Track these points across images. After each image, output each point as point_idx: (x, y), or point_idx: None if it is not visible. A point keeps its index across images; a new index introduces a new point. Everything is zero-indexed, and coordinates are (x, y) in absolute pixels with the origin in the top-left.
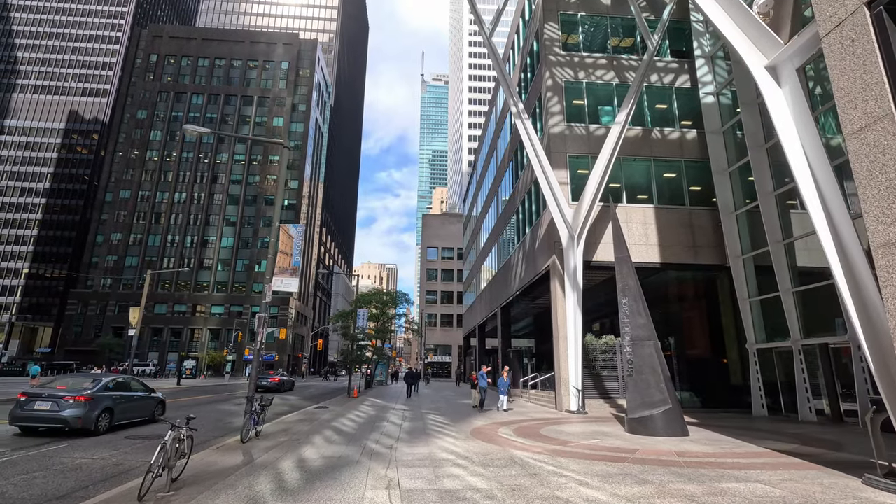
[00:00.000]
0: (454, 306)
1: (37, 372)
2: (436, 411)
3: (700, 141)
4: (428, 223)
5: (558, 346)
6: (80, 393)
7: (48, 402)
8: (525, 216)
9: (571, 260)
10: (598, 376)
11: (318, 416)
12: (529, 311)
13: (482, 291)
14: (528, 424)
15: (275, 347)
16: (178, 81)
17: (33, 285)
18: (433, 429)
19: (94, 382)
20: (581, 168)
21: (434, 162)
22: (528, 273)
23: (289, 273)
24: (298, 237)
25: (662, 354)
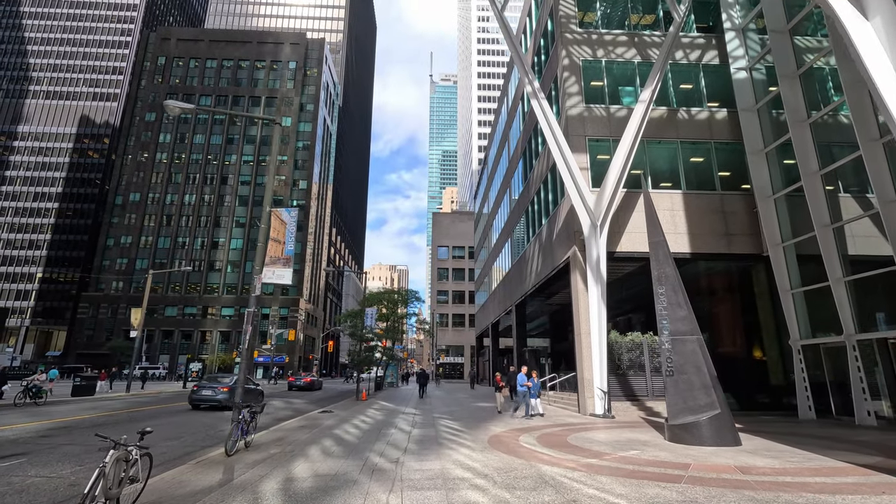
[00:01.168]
0: (466, 306)
1: (55, 376)
2: (448, 416)
3: (731, 120)
4: (438, 222)
5: (580, 343)
6: (224, 385)
7: (209, 391)
8: (540, 207)
9: (594, 250)
10: (624, 376)
11: (321, 421)
12: (544, 309)
13: (495, 289)
14: (552, 431)
15: (285, 349)
16: (186, 83)
17: (47, 289)
18: (446, 437)
19: (229, 380)
20: (601, 152)
21: (444, 162)
22: (545, 267)
23: (281, 263)
24: (292, 223)
25: (707, 351)
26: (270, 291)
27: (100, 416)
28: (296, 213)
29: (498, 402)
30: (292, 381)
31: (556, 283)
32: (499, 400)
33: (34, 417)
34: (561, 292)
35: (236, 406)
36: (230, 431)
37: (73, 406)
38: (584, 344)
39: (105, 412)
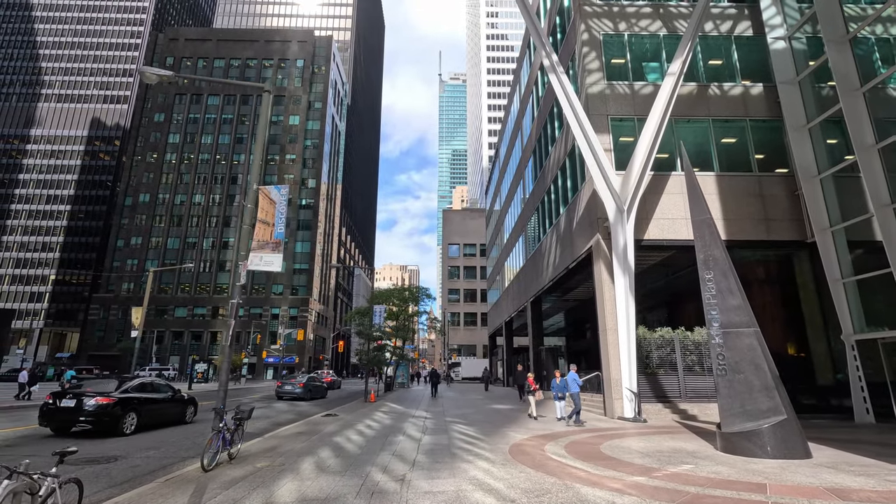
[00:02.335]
0: (478, 304)
1: (70, 377)
2: (462, 419)
3: (768, 96)
4: (448, 219)
5: (605, 340)
6: (301, 381)
7: (290, 386)
8: (558, 196)
9: (620, 237)
10: (654, 376)
11: (323, 427)
12: (559, 306)
13: (508, 286)
14: (581, 439)
15: (295, 349)
16: (193, 83)
17: (60, 291)
18: (461, 446)
19: (304, 378)
20: (625, 133)
21: (454, 162)
22: (564, 259)
23: (270, 247)
24: (282, 202)
25: (765, 345)
26: (280, 291)
27: None
28: (286, 191)
29: (532, 408)
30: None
31: (575, 277)
32: (532, 405)
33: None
34: (580, 287)
35: (217, 412)
36: (207, 442)
37: None
38: (610, 341)
39: None
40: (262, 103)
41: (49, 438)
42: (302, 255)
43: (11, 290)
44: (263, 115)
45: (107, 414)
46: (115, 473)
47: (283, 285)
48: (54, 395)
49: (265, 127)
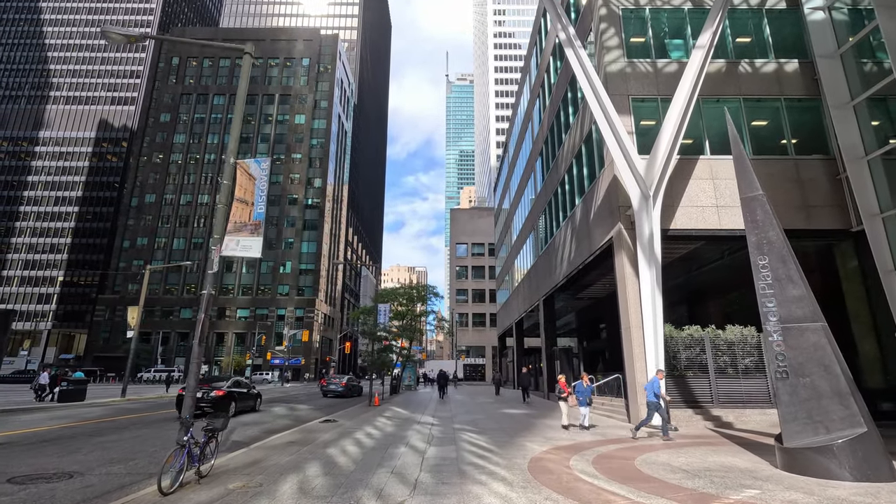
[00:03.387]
0: (486, 305)
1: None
2: (472, 426)
3: (804, 73)
4: (456, 218)
5: (629, 339)
6: (343, 380)
7: (334, 385)
8: (573, 186)
9: (645, 226)
10: (682, 379)
11: (318, 435)
12: (571, 306)
13: (518, 285)
14: (609, 451)
15: (301, 351)
16: (199, 83)
17: (68, 293)
18: (471, 460)
19: (345, 378)
20: (647, 115)
21: (461, 163)
22: (580, 252)
23: (249, 229)
24: (263, 178)
25: (835, 343)
26: (286, 292)
27: (62, 427)
28: (267, 166)
29: (564, 415)
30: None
31: (592, 273)
32: (564, 412)
33: None
34: (596, 284)
35: (184, 423)
36: (167, 459)
37: (44, 414)
38: (634, 339)
39: (75, 422)
40: (243, 68)
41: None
42: (308, 256)
43: (20, 292)
44: (243, 80)
45: (218, 402)
46: (60, 497)
47: (289, 286)
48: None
49: (244, 96)
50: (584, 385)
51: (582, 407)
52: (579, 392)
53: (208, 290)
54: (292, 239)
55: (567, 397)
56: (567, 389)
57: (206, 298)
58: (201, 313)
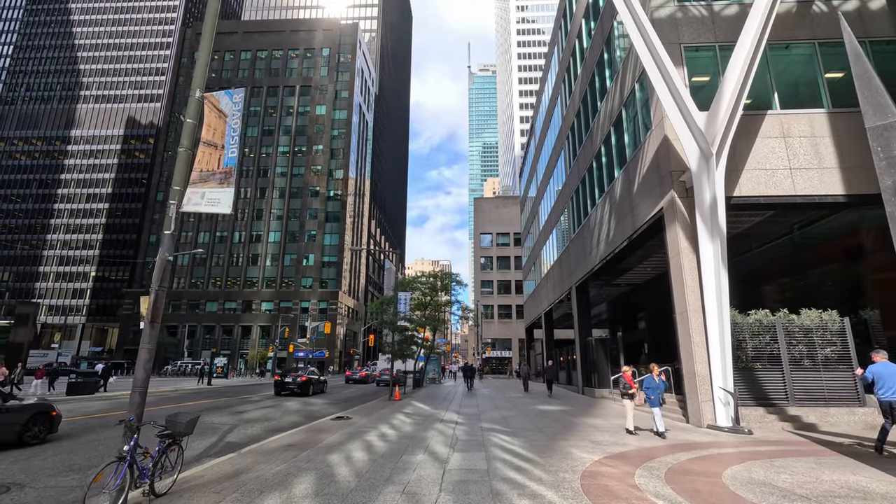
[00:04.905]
0: (512, 296)
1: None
2: (502, 425)
3: (893, 10)
4: (480, 208)
5: (687, 325)
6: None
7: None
8: (611, 157)
9: (706, 191)
10: (749, 372)
11: (324, 436)
12: (605, 294)
13: (548, 272)
14: (682, 462)
15: (325, 343)
16: (222, 76)
17: (100, 287)
18: (505, 474)
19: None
20: (703, 67)
21: (485, 154)
22: (622, 230)
23: (217, 179)
24: (236, 113)
25: None
26: (309, 285)
27: None
28: (241, 98)
29: (629, 417)
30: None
31: (631, 256)
32: (629, 412)
33: None
34: (635, 268)
35: (128, 427)
36: (95, 478)
37: None
38: (694, 326)
39: (69, 417)
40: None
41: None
42: (330, 248)
43: (55, 287)
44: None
45: (302, 385)
46: None
47: (312, 278)
48: (281, 376)
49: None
50: (656, 379)
51: (654, 408)
52: (649, 388)
53: (162, 256)
54: (315, 231)
55: (633, 394)
56: (634, 384)
57: (160, 266)
58: (154, 286)
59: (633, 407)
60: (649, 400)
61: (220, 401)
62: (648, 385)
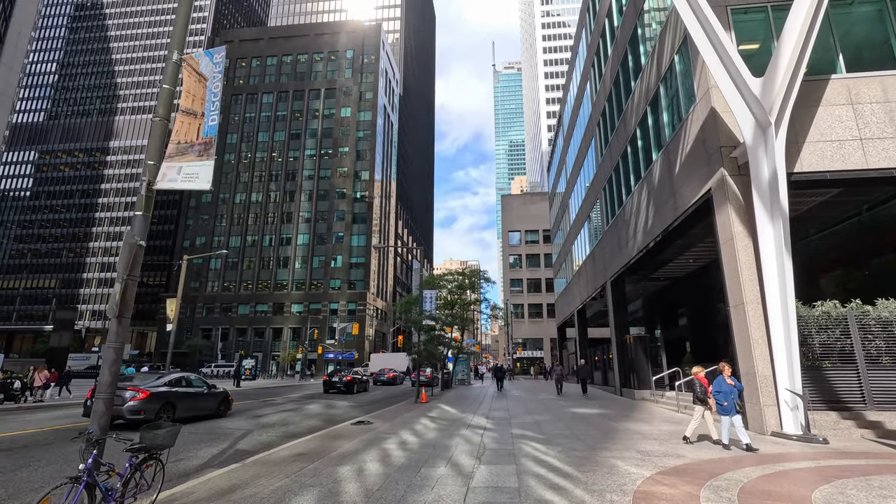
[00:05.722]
0: (543, 295)
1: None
2: (535, 432)
3: None
4: (508, 205)
5: (744, 319)
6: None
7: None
8: (647, 140)
9: (764, 166)
10: (817, 371)
11: (338, 444)
12: (640, 290)
13: (579, 268)
14: (754, 479)
15: (354, 345)
16: (249, 82)
17: (139, 292)
18: (540, 495)
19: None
20: (752, 32)
21: (511, 153)
22: (662, 218)
23: (196, 151)
24: (217, 77)
25: None
26: (338, 286)
27: (56, 430)
28: (222, 59)
29: (691, 425)
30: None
31: (676, 242)
32: (708, 420)
33: None
34: (675, 259)
35: (88, 441)
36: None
37: (60, 412)
38: (752, 320)
39: (77, 422)
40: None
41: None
42: (358, 249)
43: (98, 293)
44: None
45: (348, 384)
46: None
47: (340, 280)
48: (329, 376)
49: None
50: (726, 381)
51: (729, 416)
52: (720, 393)
53: (131, 240)
54: (342, 233)
55: (708, 400)
56: (710, 389)
57: (129, 252)
58: (122, 275)
59: (705, 415)
60: (720, 407)
61: (243, 403)
62: (720, 388)
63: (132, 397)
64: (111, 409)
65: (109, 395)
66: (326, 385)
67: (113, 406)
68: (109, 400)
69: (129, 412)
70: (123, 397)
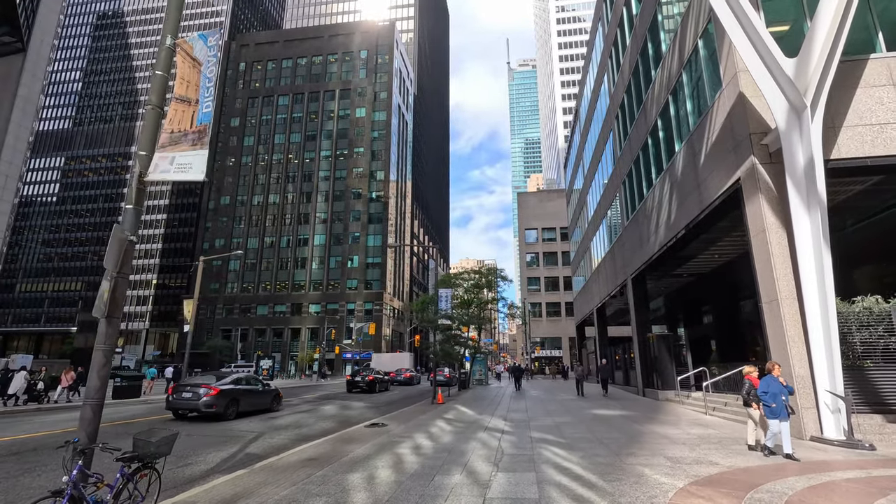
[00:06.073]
0: (561, 293)
1: (153, 375)
2: (556, 436)
3: None
4: (524, 202)
5: (778, 316)
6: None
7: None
8: (669, 130)
9: (799, 152)
10: (859, 371)
11: (350, 448)
12: (662, 287)
13: (598, 266)
14: (801, 491)
15: (371, 345)
16: (265, 85)
17: (161, 294)
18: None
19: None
20: (782, 12)
21: (527, 151)
22: (686, 211)
23: (189, 140)
24: (211, 62)
25: None
26: (354, 286)
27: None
28: (216, 41)
29: (750, 429)
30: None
31: (696, 241)
32: (750, 425)
33: None
34: (700, 255)
35: (74, 450)
36: None
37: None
38: (788, 317)
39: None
40: None
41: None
42: (374, 249)
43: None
44: None
45: (370, 383)
46: None
47: (356, 280)
48: (352, 376)
49: None
50: (777, 380)
51: (778, 420)
52: (767, 394)
53: (121, 235)
54: (358, 233)
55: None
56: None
57: (118, 247)
58: (111, 272)
59: (754, 420)
60: (768, 409)
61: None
62: (768, 389)
63: (206, 394)
64: (100, 416)
65: (98, 402)
66: (349, 384)
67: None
68: (99, 406)
69: (204, 406)
70: (198, 393)
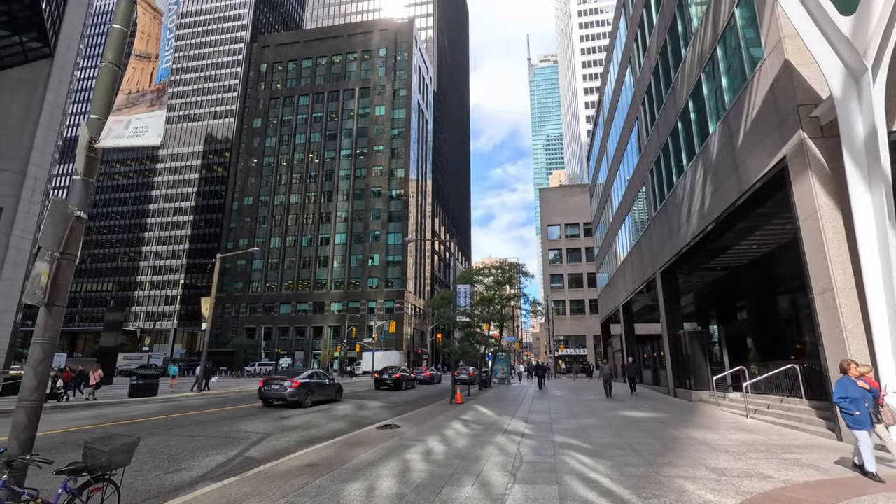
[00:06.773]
0: (585, 290)
1: (175, 373)
2: (581, 440)
3: None
4: (547, 198)
5: (834, 308)
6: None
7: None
8: (701, 111)
9: (857, 122)
10: None
11: (356, 452)
12: (694, 281)
13: (624, 260)
14: None
15: (392, 343)
16: (286, 85)
17: (188, 294)
18: None
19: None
20: None
21: (549, 148)
22: (721, 197)
23: (147, 102)
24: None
25: None
26: (375, 285)
27: (66, 433)
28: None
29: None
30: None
31: (731, 230)
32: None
33: None
34: (734, 246)
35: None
36: None
37: (95, 411)
38: (844, 308)
39: (107, 422)
40: None
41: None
42: (395, 247)
43: (150, 295)
44: None
45: (396, 381)
46: None
47: (377, 278)
48: (379, 373)
49: None
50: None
51: (861, 430)
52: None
53: (66, 211)
54: (379, 231)
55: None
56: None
57: (64, 225)
58: (53, 252)
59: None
60: (849, 418)
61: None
62: (845, 394)
63: (290, 386)
64: (38, 421)
65: (36, 404)
66: (377, 382)
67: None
68: (36, 410)
69: (289, 395)
70: (284, 386)
